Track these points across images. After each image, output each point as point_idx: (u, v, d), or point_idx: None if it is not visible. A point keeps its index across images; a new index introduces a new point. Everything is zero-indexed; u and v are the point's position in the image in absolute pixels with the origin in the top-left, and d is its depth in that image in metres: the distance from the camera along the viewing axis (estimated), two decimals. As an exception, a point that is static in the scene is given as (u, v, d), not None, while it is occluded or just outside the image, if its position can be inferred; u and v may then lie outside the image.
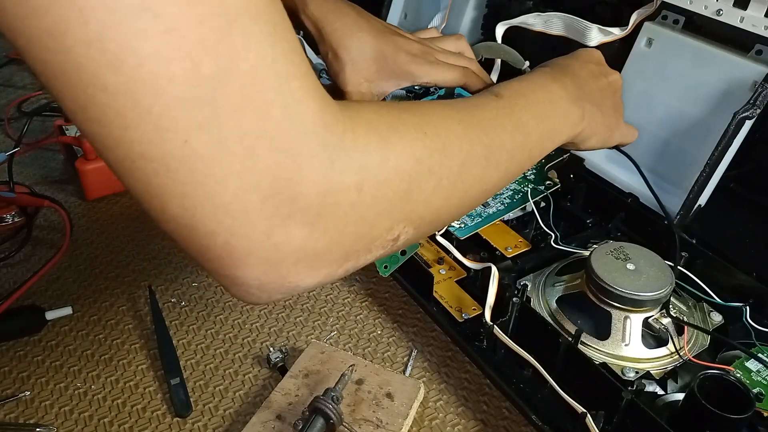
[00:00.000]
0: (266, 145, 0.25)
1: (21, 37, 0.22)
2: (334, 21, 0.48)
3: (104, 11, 0.21)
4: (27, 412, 0.50)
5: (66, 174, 0.80)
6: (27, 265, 0.65)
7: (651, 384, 0.45)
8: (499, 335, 0.47)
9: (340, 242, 0.28)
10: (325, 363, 0.51)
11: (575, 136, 0.45)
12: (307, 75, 0.26)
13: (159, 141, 0.23)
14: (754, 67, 0.52)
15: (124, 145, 0.23)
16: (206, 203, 0.25)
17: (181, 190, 0.24)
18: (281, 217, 0.26)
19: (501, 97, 0.40)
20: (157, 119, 0.23)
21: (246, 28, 0.24)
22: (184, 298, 0.61)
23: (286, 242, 0.26)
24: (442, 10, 0.78)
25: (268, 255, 0.26)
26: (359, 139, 0.28)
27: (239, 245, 0.26)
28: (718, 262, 0.52)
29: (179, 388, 0.51)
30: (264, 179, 0.25)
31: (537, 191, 0.60)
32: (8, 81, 1.03)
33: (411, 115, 0.32)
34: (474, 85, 0.51)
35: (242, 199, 0.25)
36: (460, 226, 0.57)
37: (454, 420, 0.49)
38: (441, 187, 0.32)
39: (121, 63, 0.22)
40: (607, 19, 0.63)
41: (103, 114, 0.23)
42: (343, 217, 0.28)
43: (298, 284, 0.28)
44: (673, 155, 0.58)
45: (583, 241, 0.57)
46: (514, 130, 0.39)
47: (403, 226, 0.31)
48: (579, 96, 0.45)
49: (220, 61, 0.23)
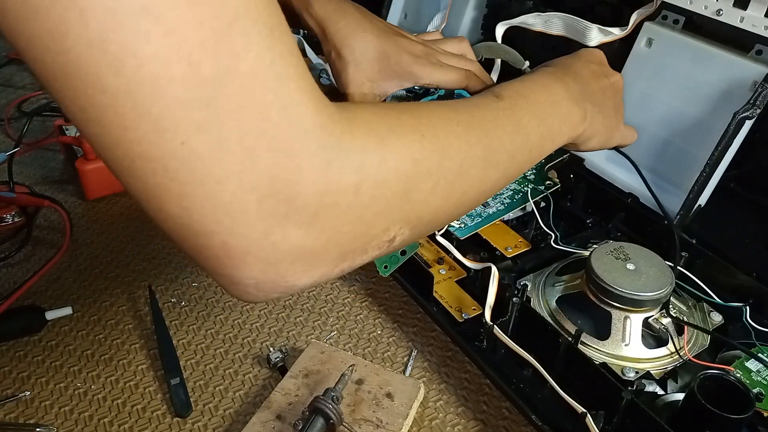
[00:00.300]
0: (265, 146, 0.25)
1: (21, 38, 0.22)
2: (338, 21, 0.48)
3: (105, 13, 0.21)
4: (27, 412, 0.50)
5: (66, 174, 0.80)
6: (27, 265, 0.65)
7: (651, 384, 0.45)
8: (499, 335, 0.47)
9: (337, 242, 0.28)
10: (325, 363, 0.51)
11: (577, 137, 0.45)
12: (304, 76, 0.26)
13: (158, 141, 0.23)
14: (754, 67, 0.52)
15: (124, 145, 0.23)
16: (205, 203, 0.25)
17: (180, 190, 0.24)
18: (279, 217, 0.26)
19: (501, 98, 0.40)
20: (156, 120, 0.23)
21: (245, 30, 0.24)
22: (184, 298, 0.61)
23: (283, 242, 0.27)
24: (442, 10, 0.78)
25: (265, 254, 0.27)
26: (357, 140, 0.28)
27: (237, 245, 0.26)
28: (718, 262, 0.52)
29: (179, 388, 0.51)
30: (262, 179, 0.25)
31: (537, 191, 0.60)
32: (8, 81, 1.03)
33: (410, 116, 0.32)
34: (475, 86, 0.51)
35: (240, 199, 0.25)
36: (459, 226, 0.57)
37: (454, 420, 0.49)
38: (439, 188, 0.32)
39: (121, 64, 0.22)
40: (607, 19, 0.63)
41: (103, 115, 0.23)
42: (341, 217, 0.28)
43: (295, 283, 0.28)
44: (673, 155, 0.58)
45: (583, 241, 0.57)
46: (514, 131, 0.38)
47: (400, 227, 0.31)
48: (581, 97, 0.45)
49: (219, 62, 0.23)
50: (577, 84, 0.45)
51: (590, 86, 0.47)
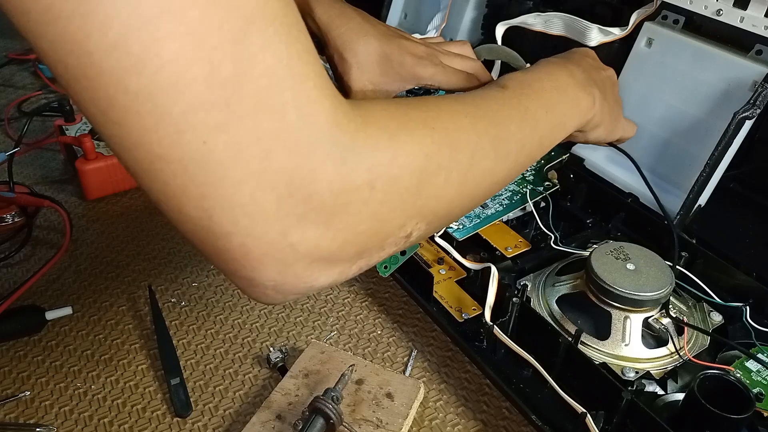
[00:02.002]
0: (282, 146, 0.25)
1: (43, 41, 0.22)
2: (341, 25, 0.48)
3: (127, 15, 0.21)
4: (27, 412, 0.50)
5: (66, 174, 0.80)
6: (27, 265, 0.65)
7: (651, 384, 0.45)
8: (499, 335, 0.47)
9: (354, 241, 0.28)
10: (325, 363, 0.51)
11: (586, 122, 0.45)
12: (320, 75, 0.26)
13: (178, 143, 0.23)
14: (754, 67, 0.52)
15: (144, 146, 0.24)
16: (223, 204, 0.25)
17: (199, 191, 0.24)
18: (296, 217, 0.26)
19: (506, 88, 0.40)
20: (176, 121, 0.23)
21: (263, 30, 0.24)
22: (184, 298, 0.61)
23: (300, 242, 0.27)
24: (442, 10, 0.78)
25: (283, 255, 0.27)
26: (370, 138, 0.28)
27: (255, 246, 0.26)
28: (718, 262, 0.52)
29: (179, 388, 0.51)
30: (279, 179, 0.25)
31: (536, 192, 0.60)
32: (8, 81, 1.04)
33: (419, 111, 0.32)
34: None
35: (258, 199, 0.25)
36: (458, 227, 0.57)
37: (454, 420, 0.49)
38: (451, 181, 0.32)
39: (143, 66, 0.22)
40: (607, 19, 0.63)
41: (124, 116, 0.23)
42: (357, 215, 0.28)
43: (313, 284, 0.29)
44: (673, 155, 0.58)
45: (583, 241, 0.57)
46: (522, 121, 0.38)
47: (416, 222, 0.31)
48: (587, 82, 0.45)
49: (238, 63, 0.23)
50: (581, 71, 0.45)
51: (593, 75, 0.47)
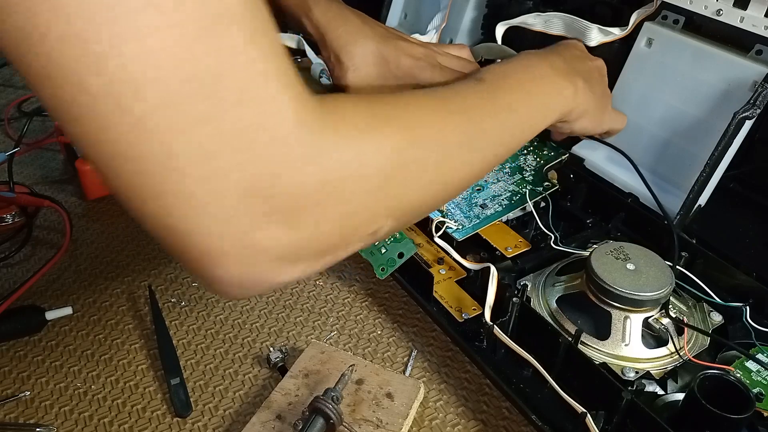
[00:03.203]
0: (244, 145, 0.24)
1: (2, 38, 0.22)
2: (338, 27, 0.48)
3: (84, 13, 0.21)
4: (27, 412, 0.50)
5: (66, 174, 0.80)
6: (27, 265, 0.65)
7: (651, 384, 0.45)
8: (499, 335, 0.47)
9: (318, 238, 0.28)
10: (325, 363, 0.51)
11: (569, 112, 0.45)
12: (286, 73, 0.26)
13: (138, 141, 0.23)
14: (754, 67, 0.52)
15: (105, 145, 0.23)
16: (183, 203, 0.25)
17: (159, 190, 0.24)
18: (258, 216, 0.26)
19: (483, 81, 0.39)
20: (137, 120, 0.23)
21: (227, 29, 0.24)
22: (184, 298, 0.61)
23: (263, 241, 0.26)
24: (442, 10, 0.78)
25: (245, 254, 0.26)
26: (336, 135, 0.28)
27: (216, 245, 0.26)
28: (718, 262, 0.52)
29: (179, 388, 0.51)
30: (241, 179, 0.25)
31: (536, 192, 0.60)
32: (8, 81, 1.04)
33: (390, 107, 0.32)
34: None
35: (219, 198, 0.25)
36: (458, 227, 0.57)
37: (454, 420, 0.49)
38: (420, 178, 0.32)
39: (104, 65, 0.22)
40: (607, 19, 0.63)
41: (84, 115, 0.23)
42: (321, 213, 0.28)
43: (276, 280, 0.28)
44: (673, 155, 0.58)
45: (583, 241, 0.57)
46: (497, 113, 0.38)
47: (383, 219, 0.31)
48: (569, 72, 0.45)
49: (198, 62, 0.23)
50: (562, 61, 0.45)
51: (576, 65, 0.47)
